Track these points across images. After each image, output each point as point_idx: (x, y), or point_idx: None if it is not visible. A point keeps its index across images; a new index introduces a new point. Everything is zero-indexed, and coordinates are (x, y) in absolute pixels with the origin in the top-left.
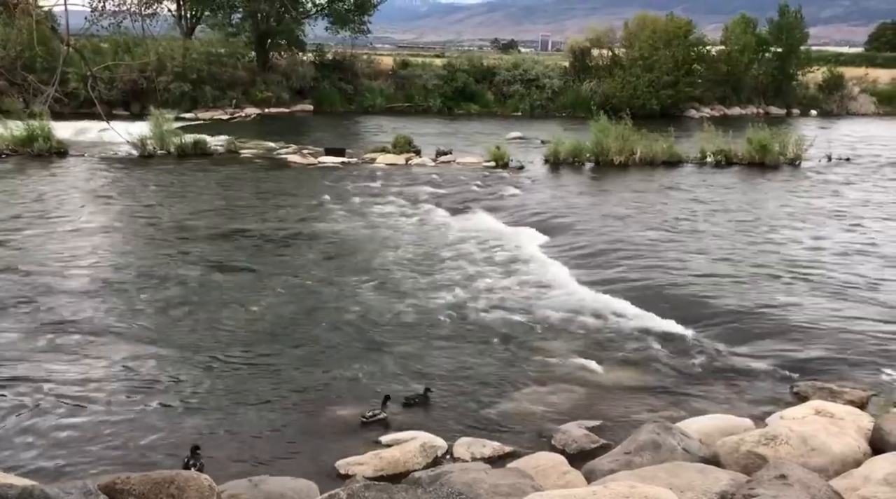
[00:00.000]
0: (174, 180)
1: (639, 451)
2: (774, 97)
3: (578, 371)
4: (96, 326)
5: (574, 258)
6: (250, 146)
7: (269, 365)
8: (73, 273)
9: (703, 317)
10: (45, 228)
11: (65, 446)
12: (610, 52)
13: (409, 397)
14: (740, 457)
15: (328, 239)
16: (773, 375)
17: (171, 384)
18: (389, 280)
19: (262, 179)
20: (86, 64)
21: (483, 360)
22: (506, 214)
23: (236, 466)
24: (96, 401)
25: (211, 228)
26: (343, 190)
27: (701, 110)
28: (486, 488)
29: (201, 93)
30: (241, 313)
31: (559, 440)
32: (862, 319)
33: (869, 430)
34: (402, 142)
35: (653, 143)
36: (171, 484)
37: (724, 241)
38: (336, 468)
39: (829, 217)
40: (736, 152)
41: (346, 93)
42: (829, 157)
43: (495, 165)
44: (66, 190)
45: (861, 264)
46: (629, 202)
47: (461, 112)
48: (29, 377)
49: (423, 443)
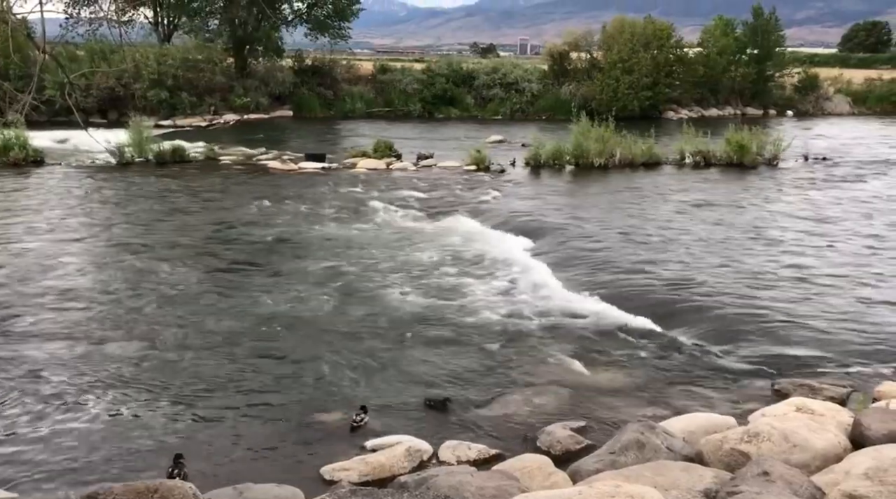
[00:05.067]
0: (153, 188)
1: (623, 451)
2: (751, 98)
3: (562, 373)
4: (74, 335)
5: (556, 260)
6: (229, 153)
7: (252, 372)
8: (49, 282)
9: (684, 317)
10: (22, 236)
11: (45, 458)
12: (588, 55)
13: (431, 399)
14: (723, 455)
15: (310, 245)
16: (754, 373)
17: (153, 393)
18: (371, 285)
19: (242, 186)
20: (63, 71)
21: (466, 363)
22: (487, 218)
23: (220, 474)
24: (77, 411)
25: (191, 235)
26: (324, 196)
27: (679, 112)
28: (473, 490)
29: (179, 99)
30: (222, 321)
31: (544, 442)
32: (841, 317)
33: (849, 425)
34: (382, 147)
35: (632, 144)
36: (155, 493)
37: (704, 241)
38: (321, 474)
39: (807, 216)
40: (714, 153)
41: (325, 98)
42: (805, 156)
43: (476, 168)
44: (43, 199)
45: (840, 262)
46: (610, 204)
47: (441, 116)
48: (6, 388)
49: (409, 447)
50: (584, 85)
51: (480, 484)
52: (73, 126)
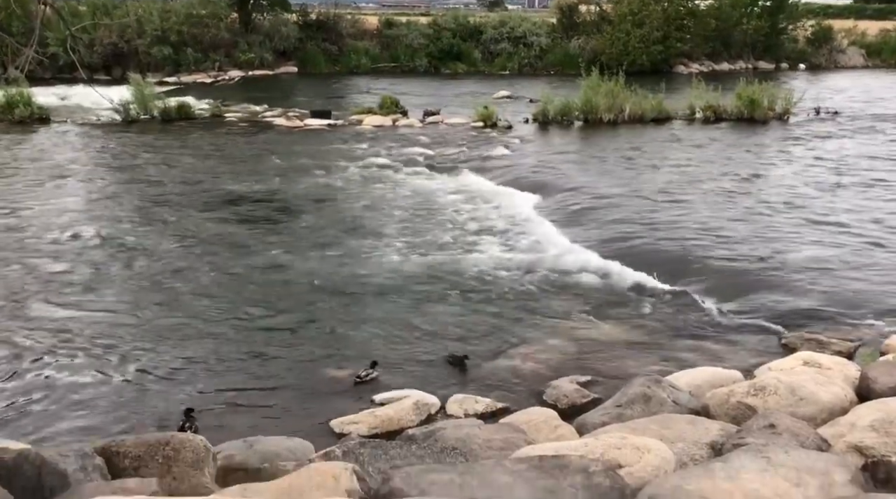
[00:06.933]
0: (158, 145)
1: (629, 404)
2: (764, 52)
3: (568, 329)
4: (84, 290)
5: (564, 217)
6: (235, 110)
7: (260, 328)
8: (57, 238)
9: (692, 272)
10: (29, 193)
11: (57, 411)
12: (598, 8)
13: (451, 355)
14: (730, 408)
15: (317, 202)
16: (761, 328)
17: (162, 349)
18: (379, 241)
19: (249, 143)
20: (64, 24)
21: (473, 319)
22: (495, 174)
23: (231, 427)
24: (88, 366)
25: (198, 192)
26: (330, 152)
27: (690, 66)
28: (480, 442)
29: (183, 56)
30: (230, 277)
31: (550, 396)
32: (851, 271)
33: (856, 379)
34: (388, 103)
35: (642, 100)
36: (167, 446)
37: (712, 197)
38: (331, 427)
39: (816, 171)
40: (725, 108)
41: (330, 54)
42: (817, 110)
43: (483, 124)
44: (49, 156)
45: (850, 217)
46: (619, 160)
47: (448, 72)
48: (19, 343)
49: (417, 401)
50: (593, 39)
51: (487, 436)
52: (78, 83)
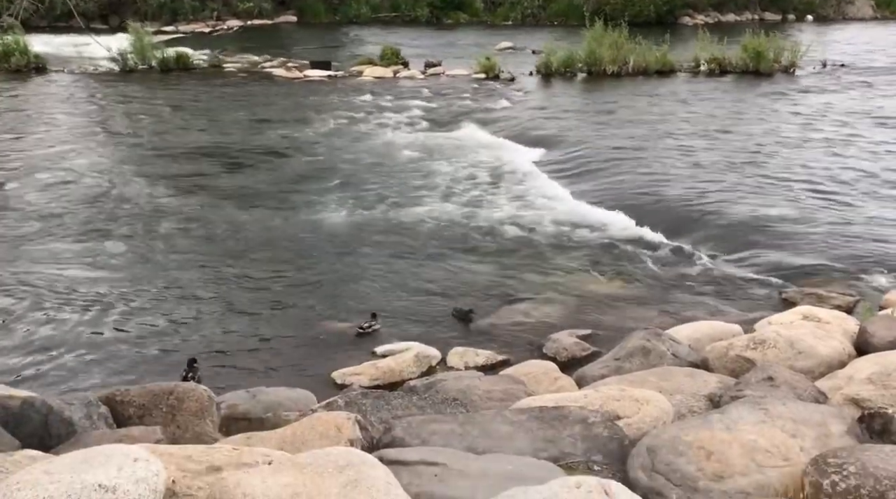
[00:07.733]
0: (157, 95)
1: (628, 357)
2: (770, 3)
3: (569, 283)
4: (84, 239)
5: (567, 171)
6: (234, 60)
7: (261, 280)
8: (56, 189)
9: (694, 227)
10: (27, 143)
11: (62, 361)
12: None
13: (457, 309)
14: (728, 361)
15: (317, 154)
16: (762, 282)
17: (163, 301)
18: (381, 194)
19: (248, 94)
20: None
21: (475, 272)
22: (497, 127)
23: (234, 377)
24: (91, 316)
25: (197, 144)
26: (331, 104)
27: (695, 17)
28: (480, 393)
29: (181, 4)
30: (230, 228)
31: (550, 349)
32: (852, 226)
33: (854, 333)
34: (389, 54)
35: (646, 52)
36: (171, 395)
37: (715, 151)
38: (333, 378)
39: (821, 125)
40: (730, 60)
41: (330, 3)
42: (823, 63)
43: (486, 76)
44: (47, 105)
45: (853, 171)
46: (622, 114)
47: (450, 22)
48: (21, 292)
49: (418, 353)
50: None
51: (488, 388)
52: (74, 31)
